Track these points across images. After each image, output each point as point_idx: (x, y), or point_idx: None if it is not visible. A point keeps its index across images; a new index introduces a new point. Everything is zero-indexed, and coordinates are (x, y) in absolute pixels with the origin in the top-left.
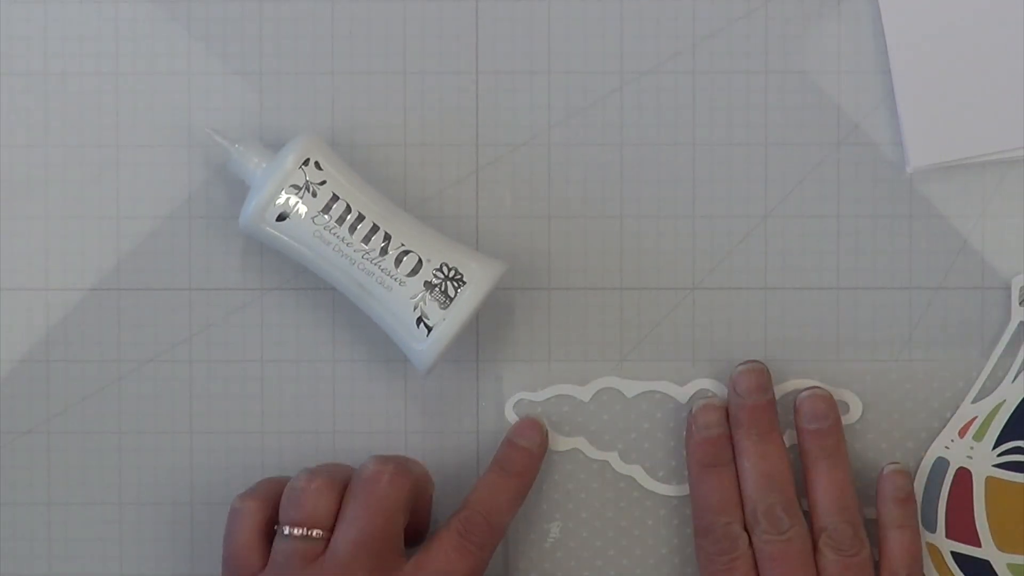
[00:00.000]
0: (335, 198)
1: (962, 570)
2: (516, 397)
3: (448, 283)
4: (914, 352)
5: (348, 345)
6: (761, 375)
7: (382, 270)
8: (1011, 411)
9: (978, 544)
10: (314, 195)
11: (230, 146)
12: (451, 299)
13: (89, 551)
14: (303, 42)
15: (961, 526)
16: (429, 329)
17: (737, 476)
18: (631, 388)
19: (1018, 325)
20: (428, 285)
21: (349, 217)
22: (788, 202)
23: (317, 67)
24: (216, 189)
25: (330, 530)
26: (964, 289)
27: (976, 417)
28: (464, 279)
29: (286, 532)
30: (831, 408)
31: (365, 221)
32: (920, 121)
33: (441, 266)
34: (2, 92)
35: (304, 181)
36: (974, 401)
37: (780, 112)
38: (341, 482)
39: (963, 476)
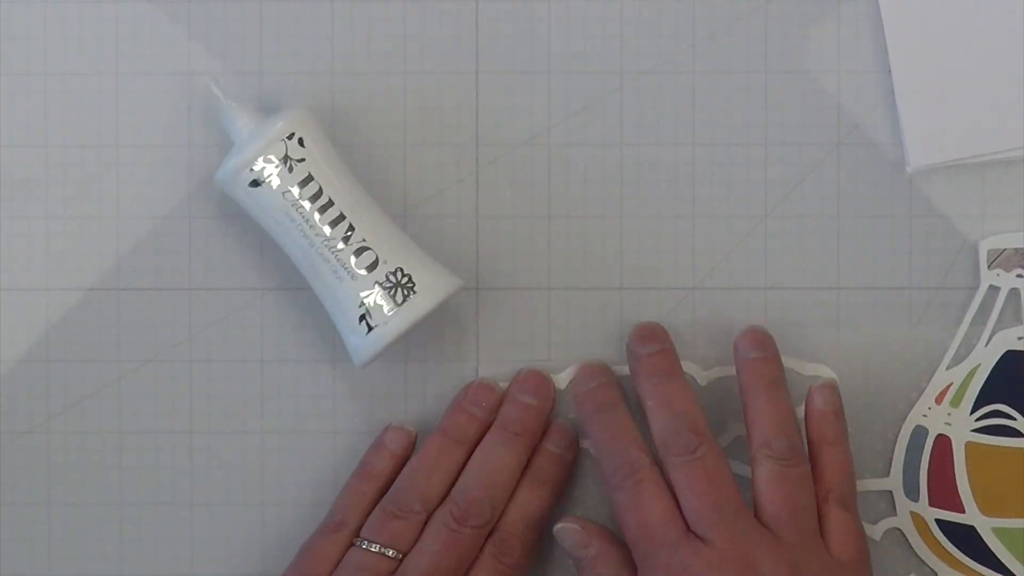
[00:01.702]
0: (310, 178)
1: (948, 537)
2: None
3: (398, 289)
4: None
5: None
6: (655, 328)
7: (338, 260)
8: (986, 375)
9: (962, 510)
10: (290, 170)
11: (225, 101)
12: (397, 305)
13: (89, 551)
14: (303, 42)
15: (944, 493)
16: (370, 328)
17: (632, 418)
18: None
19: (988, 288)
20: (379, 286)
21: (319, 201)
22: (788, 202)
23: (317, 67)
24: (216, 189)
25: (405, 553)
26: (964, 289)
27: (952, 383)
28: (415, 288)
29: (363, 546)
30: (770, 341)
31: (333, 208)
32: (920, 121)
33: (396, 270)
34: (2, 92)
35: (284, 154)
36: (948, 368)
37: (780, 112)
38: (425, 512)
39: (943, 443)
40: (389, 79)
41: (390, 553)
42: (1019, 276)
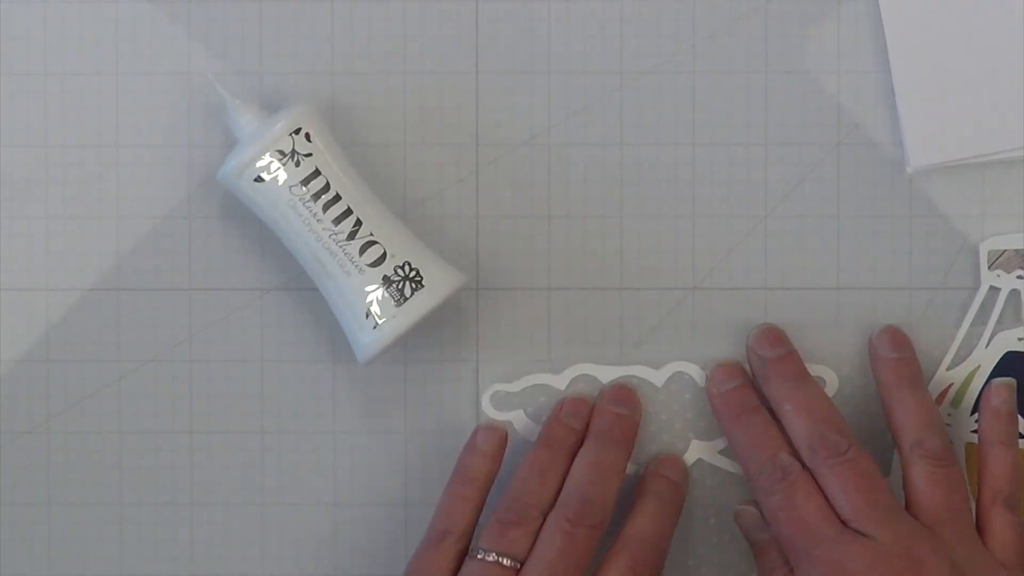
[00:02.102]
0: (316, 173)
1: None
2: (492, 389)
3: (406, 283)
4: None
5: (347, 345)
6: (779, 332)
7: (345, 254)
8: (986, 376)
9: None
10: (297, 164)
11: (229, 98)
12: (405, 299)
13: (89, 551)
14: (303, 42)
15: None
16: (376, 323)
17: (773, 421)
18: (606, 374)
19: (988, 290)
20: (386, 280)
21: (326, 195)
22: (788, 202)
23: (317, 67)
24: (216, 189)
25: (522, 562)
26: (964, 290)
27: (952, 384)
28: (423, 283)
29: (479, 555)
30: (908, 341)
31: (340, 203)
32: (920, 121)
33: (404, 264)
34: (2, 92)
35: (291, 149)
36: (949, 368)
37: (780, 112)
38: (540, 519)
39: None
40: (389, 79)
41: (506, 562)
42: (1019, 277)
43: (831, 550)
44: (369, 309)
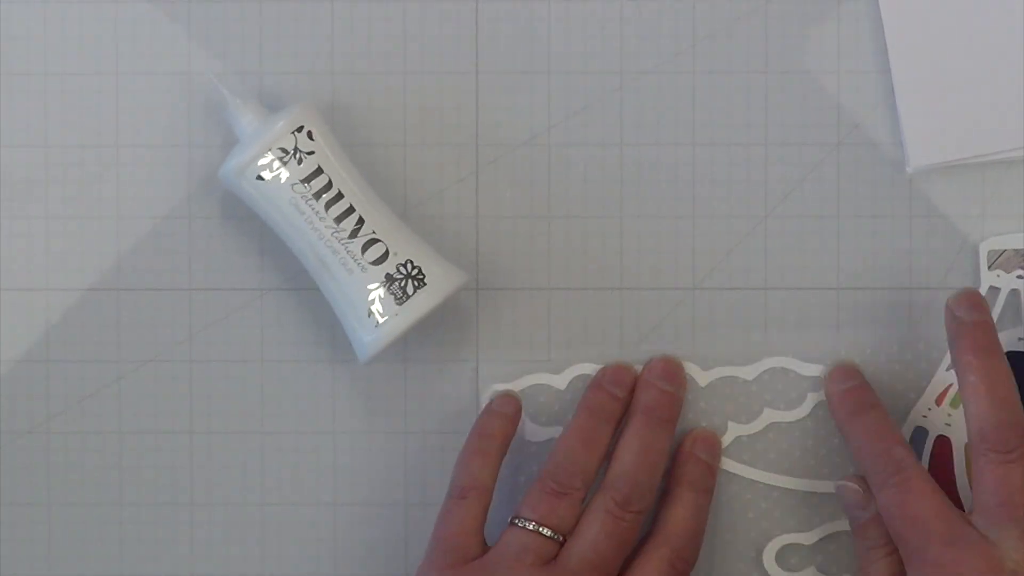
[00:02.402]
0: (319, 171)
1: None
2: (492, 389)
3: (408, 280)
4: (916, 350)
5: (347, 345)
6: (976, 296)
7: (348, 252)
8: None
9: (962, 511)
10: (299, 162)
11: (230, 97)
12: (408, 296)
13: (89, 551)
14: (303, 42)
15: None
16: (378, 322)
17: (890, 418)
18: None
19: (988, 290)
20: (388, 278)
21: (328, 193)
22: (788, 202)
23: (317, 67)
24: (216, 189)
25: (564, 535)
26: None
27: (952, 384)
28: (425, 280)
29: (521, 524)
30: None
31: (343, 201)
32: (920, 121)
33: (406, 262)
34: (2, 92)
35: (293, 147)
36: (948, 368)
37: (780, 112)
38: (584, 490)
39: (943, 444)
40: (389, 79)
41: (547, 532)
42: (1019, 277)
43: (943, 552)
44: (371, 307)
